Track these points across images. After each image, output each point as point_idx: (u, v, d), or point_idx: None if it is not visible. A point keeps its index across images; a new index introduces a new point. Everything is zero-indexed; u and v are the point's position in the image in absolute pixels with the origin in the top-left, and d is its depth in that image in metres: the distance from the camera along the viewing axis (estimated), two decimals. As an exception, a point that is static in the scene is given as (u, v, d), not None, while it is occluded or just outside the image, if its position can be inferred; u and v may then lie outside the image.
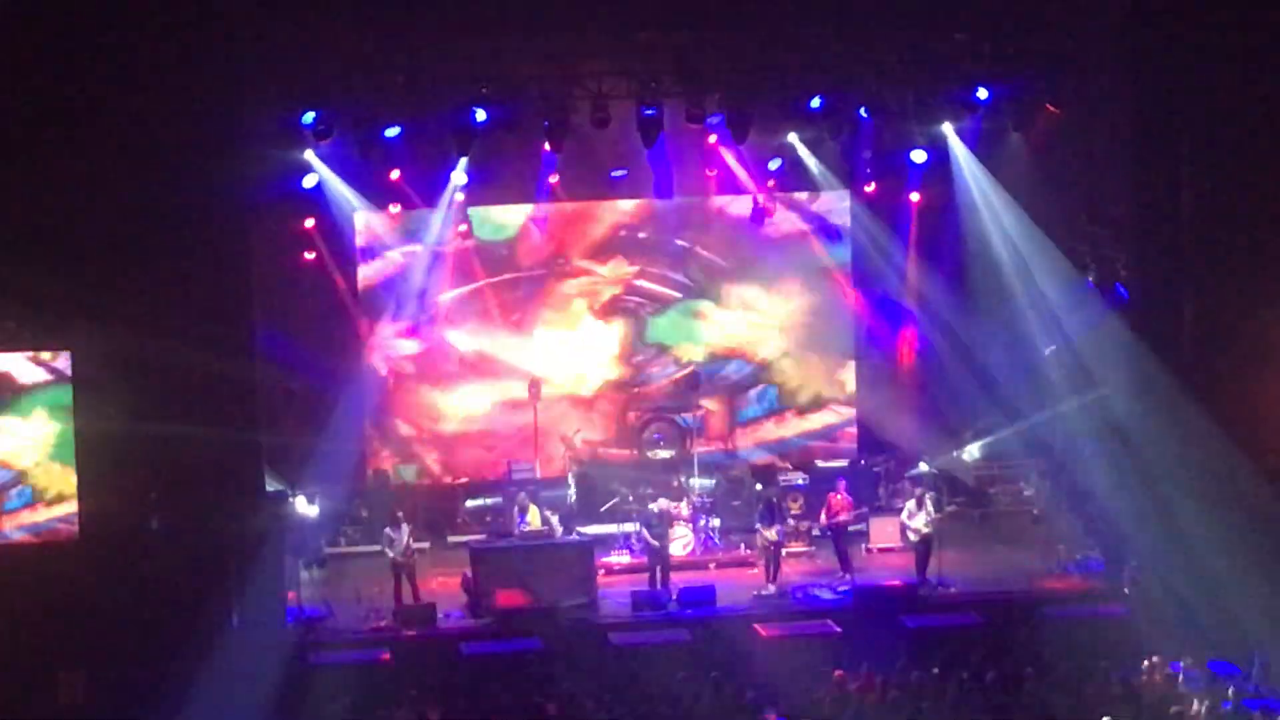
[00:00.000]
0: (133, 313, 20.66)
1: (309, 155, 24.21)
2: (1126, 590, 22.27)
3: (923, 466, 25.85)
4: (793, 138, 26.02)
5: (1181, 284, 22.76)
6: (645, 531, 23.72)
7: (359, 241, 26.90)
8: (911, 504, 23.77)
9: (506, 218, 27.36)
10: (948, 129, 25.07)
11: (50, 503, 21.38)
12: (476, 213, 27.03)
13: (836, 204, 27.86)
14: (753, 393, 28.30)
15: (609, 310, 27.86)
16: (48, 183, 20.48)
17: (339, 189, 25.39)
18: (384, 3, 22.82)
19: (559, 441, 26.81)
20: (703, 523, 25.33)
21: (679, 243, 27.76)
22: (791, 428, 28.34)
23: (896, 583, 23.17)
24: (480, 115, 23.61)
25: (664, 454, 27.36)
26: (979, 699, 17.63)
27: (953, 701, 17.50)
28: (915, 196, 26.92)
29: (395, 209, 26.59)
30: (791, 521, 24.89)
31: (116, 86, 20.56)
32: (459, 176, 25.85)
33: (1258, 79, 21.88)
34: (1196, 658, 19.67)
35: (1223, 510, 21.86)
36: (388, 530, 23.16)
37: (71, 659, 20.25)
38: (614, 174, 26.72)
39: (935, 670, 18.53)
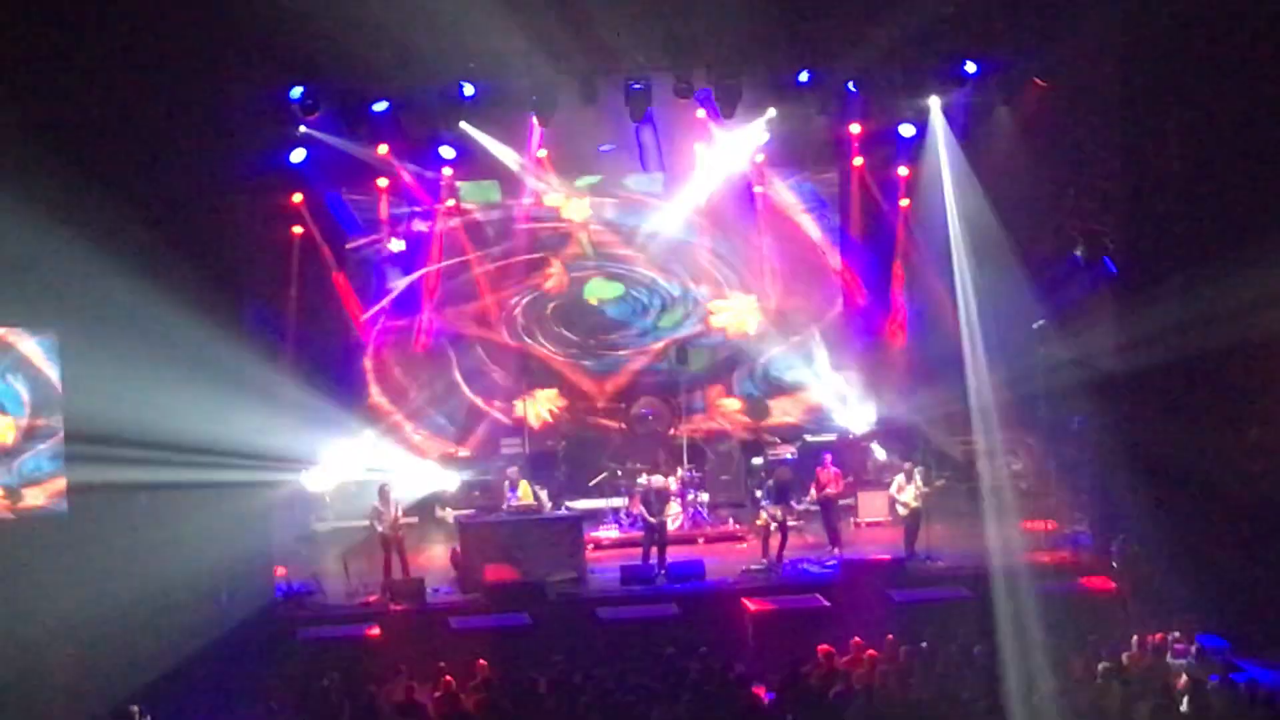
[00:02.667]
0: (120, 289, 20.59)
1: (303, 130, 24.11)
2: (1114, 564, 22.30)
3: None
4: (771, 113, 25.91)
5: (1170, 257, 22.74)
6: (644, 509, 23.60)
7: (347, 215, 26.87)
8: (900, 478, 23.78)
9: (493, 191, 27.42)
10: (933, 103, 25.03)
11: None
12: (465, 187, 27.03)
13: (824, 178, 27.84)
14: (739, 371, 28.36)
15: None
16: (34, 160, 20.39)
17: (327, 163, 25.33)
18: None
19: None
20: (691, 497, 25.35)
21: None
22: (780, 405, 28.35)
23: (885, 557, 23.21)
24: (468, 90, 23.56)
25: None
26: (966, 673, 17.63)
27: (940, 675, 17.50)
28: (904, 171, 26.91)
29: (383, 183, 26.54)
30: (798, 504, 24.88)
31: (103, 63, 20.46)
32: (447, 151, 25.82)
33: (1246, 50, 21.85)
34: (1184, 631, 19.74)
35: (1211, 484, 21.91)
36: (376, 504, 23.11)
37: (59, 635, 20.19)
38: (602, 149, 26.68)
39: (923, 644, 18.53)
